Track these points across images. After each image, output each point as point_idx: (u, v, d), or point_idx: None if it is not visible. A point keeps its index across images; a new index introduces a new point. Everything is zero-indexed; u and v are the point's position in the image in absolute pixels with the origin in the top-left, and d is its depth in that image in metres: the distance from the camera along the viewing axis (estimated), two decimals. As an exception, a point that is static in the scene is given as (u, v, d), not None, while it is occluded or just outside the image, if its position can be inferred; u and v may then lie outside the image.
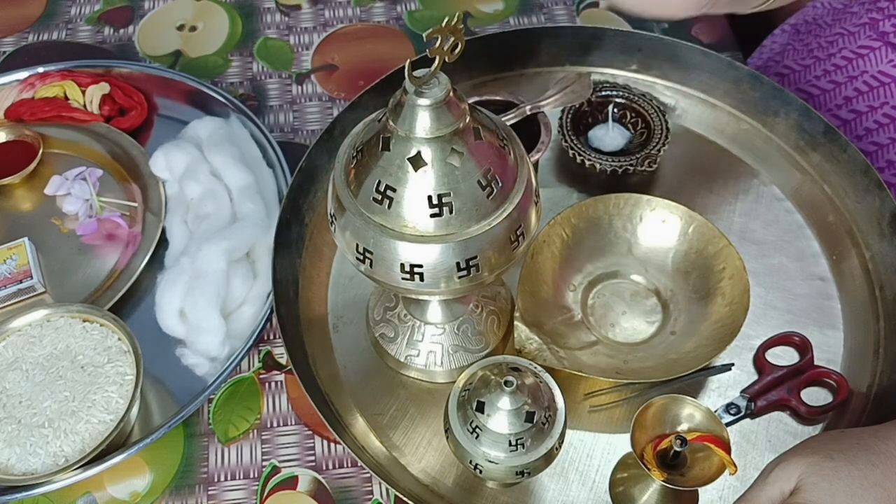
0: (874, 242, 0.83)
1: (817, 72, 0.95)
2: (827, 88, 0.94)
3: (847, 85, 0.91)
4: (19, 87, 0.97)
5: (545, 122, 0.82)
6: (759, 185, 0.90)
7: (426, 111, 0.55)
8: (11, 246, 0.84)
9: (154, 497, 0.74)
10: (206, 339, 0.77)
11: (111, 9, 1.12)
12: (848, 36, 0.91)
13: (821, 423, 0.75)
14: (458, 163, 0.57)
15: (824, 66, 0.94)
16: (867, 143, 0.91)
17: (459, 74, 0.95)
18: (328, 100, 1.02)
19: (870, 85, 0.89)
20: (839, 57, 0.92)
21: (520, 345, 0.73)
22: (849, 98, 0.91)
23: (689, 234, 0.80)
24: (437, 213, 0.57)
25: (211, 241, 0.80)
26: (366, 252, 0.60)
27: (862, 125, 0.91)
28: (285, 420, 0.78)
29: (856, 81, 0.90)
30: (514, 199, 0.59)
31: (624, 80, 0.96)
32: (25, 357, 0.75)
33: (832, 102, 0.93)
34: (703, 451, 0.66)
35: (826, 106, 0.94)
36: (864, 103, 0.90)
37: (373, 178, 0.58)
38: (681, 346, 0.76)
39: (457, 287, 0.61)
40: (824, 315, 0.80)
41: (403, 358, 0.76)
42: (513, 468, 0.64)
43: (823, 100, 0.94)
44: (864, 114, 0.90)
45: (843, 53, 0.91)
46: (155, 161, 0.89)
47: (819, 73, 0.94)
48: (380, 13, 1.11)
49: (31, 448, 0.70)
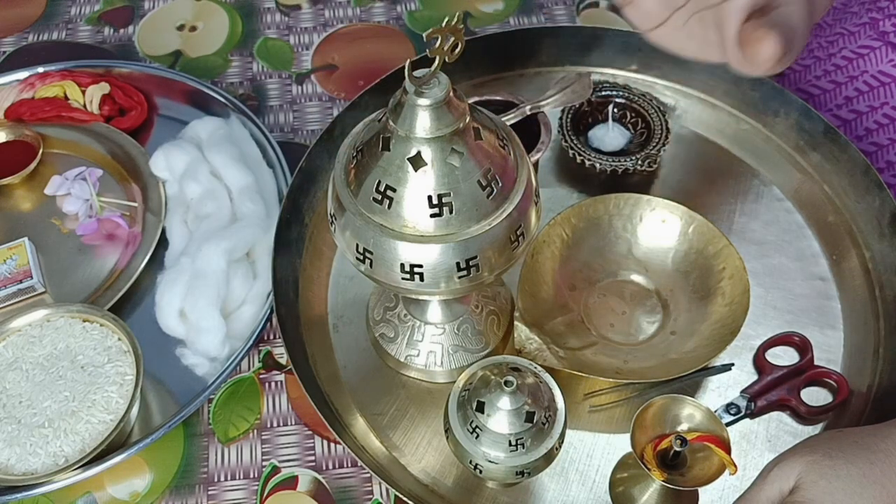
0: (874, 242, 0.83)
1: (817, 72, 0.95)
2: (827, 88, 0.93)
3: (847, 85, 0.91)
4: (19, 87, 0.97)
5: (545, 122, 0.82)
6: (759, 185, 0.90)
7: (426, 111, 0.55)
8: (11, 246, 0.84)
9: (154, 497, 0.74)
10: (206, 339, 0.77)
11: (111, 9, 1.12)
12: (848, 36, 0.91)
13: (821, 423, 0.75)
14: (458, 163, 0.57)
15: (824, 66, 0.94)
16: (867, 143, 0.91)
17: (459, 74, 0.95)
18: (328, 100, 1.02)
19: (870, 85, 0.89)
20: (839, 57, 0.92)
21: (520, 345, 0.73)
22: (849, 98, 0.91)
23: (689, 234, 0.80)
24: (437, 213, 0.57)
25: (211, 241, 0.80)
26: (366, 252, 0.60)
27: (862, 125, 0.91)
28: (285, 420, 0.78)
29: (856, 81, 0.90)
30: (514, 199, 0.59)
31: (624, 80, 0.96)
32: (25, 357, 0.75)
33: (832, 102, 0.93)
34: (704, 451, 0.66)
35: (826, 106, 0.94)
36: (864, 103, 0.90)
37: (373, 178, 0.58)
38: (681, 346, 0.76)
39: (457, 287, 0.61)
40: (824, 315, 0.80)
41: (403, 358, 0.76)
42: (513, 468, 0.64)
43: (824, 100, 0.94)
44: (865, 114, 0.90)
45: (843, 53, 0.91)
46: (155, 161, 0.89)
47: (819, 73, 0.94)
48: (380, 13, 1.11)
49: (31, 448, 0.70)
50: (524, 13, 1.10)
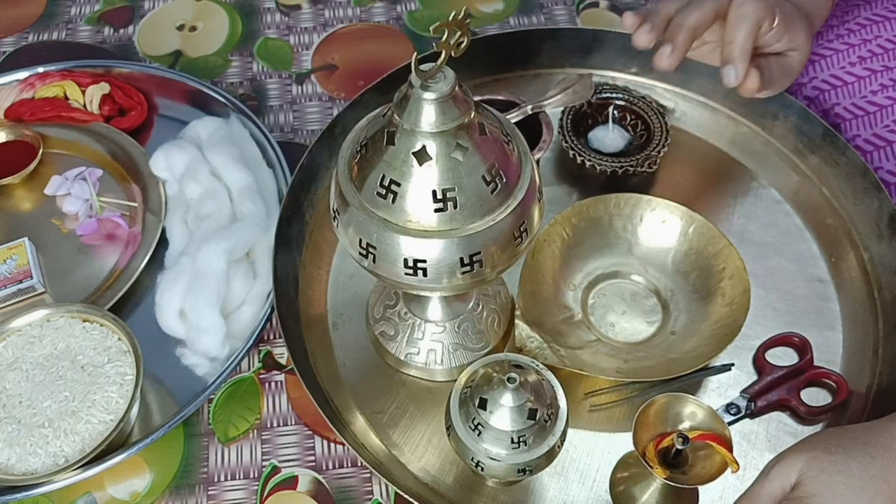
0: (872, 244, 0.83)
1: (829, 36, 0.94)
2: (840, 49, 0.93)
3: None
4: (19, 87, 0.97)
5: (546, 121, 0.82)
6: (758, 187, 0.90)
7: (432, 105, 0.55)
8: (11, 246, 0.84)
9: (154, 497, 0.73)
10: (206, 339, 0.77)
11: (111, 9, 1.12)
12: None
13: (820, 423, 0.75)
14: (462, 157, 0.57)
15: (837, 31, 0.93)
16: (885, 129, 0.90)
17: (460, 74, 0.94)
18: (328, 100, 1.02)
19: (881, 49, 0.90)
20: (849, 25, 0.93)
21: (520, 343, 0.73)
22: (862, 58, 0.91)
23: (690, 235, 0.80)
24: (442, 207, 0.57)
25: (211, 241, 0.80)
26: (369, 247, 0.60)
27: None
28: (285, 420, 0.78)
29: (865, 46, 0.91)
30: (518, 194, 0.59)
31: (624, 82, 0.96)
32: (25, 357, 0.75)
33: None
34: (705, 449, 0.66)
35: (830, 70, 0.93)
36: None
37: (377, 172, 0.58)
38: (681, 345, 0.76)
39: (459, 283, 0.60)
40: (823, 316, 0.81)
41: (403, 356, 0.76)
42: (514, 466, 0.63)
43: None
44: (879, 72, 0.90)
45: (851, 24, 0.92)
46: (155, 161, 0.89)
47: (831, 37, 0.94)
48: (380, 13, 1.11)
49: (31, 448, 0.70)
50: (524, 13, 1.11)
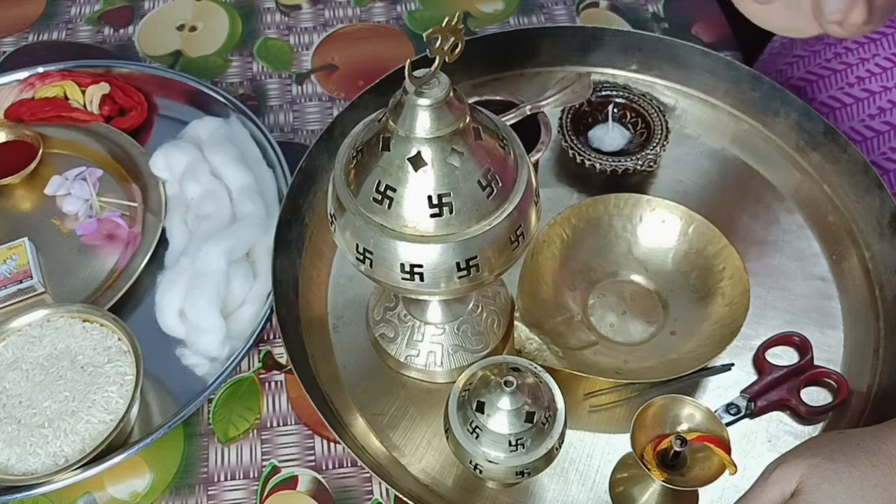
0: (874, 242, 0.83)
1: (828, 55, 0.94)
2: (838, 69, 0.93)
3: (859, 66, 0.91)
4: (19, 87, 0.97)
5: (545, 122, 0.82)
6: (759, 185, 0.90)
7: (426, 111, 0.55)
8: (11, 246, 0.84)
9: (154, 497, 0.74)
10: (206, 339, 0.77)
11: (111, 9, 1.12)
12: None
13: (821, 423, 0.75)
14: (458, 163, 0.57)
15: (835, 50, 0.93)
16: (880, 122, 0.90)
17: (459, 74, 0.95)
18: (328, 100, 1.02)
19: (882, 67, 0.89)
20: (841, 46, 0.92)
21: (520, 345, 0.73)
22: (861, 78, 0.91)
23: (689, 234, 0.80)
24: (438, 213, 0.57)
25: (211, 241, 0.80)
26: (366, 252, 0.60)
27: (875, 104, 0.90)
28: (285, 420, 0.78)
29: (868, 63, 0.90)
30: (514, 199, 0.59)
31: (624, 80, 0.96)
32: (25, 357, 0.75)
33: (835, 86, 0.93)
34: (703, 451, 0.66)
35: (828, 91, 0.93)
36: (877, 84, 0.90)
37: (373, 178, 0.58)
38: (681, 346, 0.76)
39: (457, 287, 0.61)
40: (824, 315, 0.80)
41: (403, 358, 0.76)
42: (513, 468, 0.63)
43: (823, 85, 0.94)
44: (878, 94, 0.90)
45: (849, 42, 0.91)
46: (155, 161, 0.89)
47: (830, 56, 0.94)
48: (380, 13, 1.11)
49: (31, 448, 0.70)
50: (524, 13, 1.10)
